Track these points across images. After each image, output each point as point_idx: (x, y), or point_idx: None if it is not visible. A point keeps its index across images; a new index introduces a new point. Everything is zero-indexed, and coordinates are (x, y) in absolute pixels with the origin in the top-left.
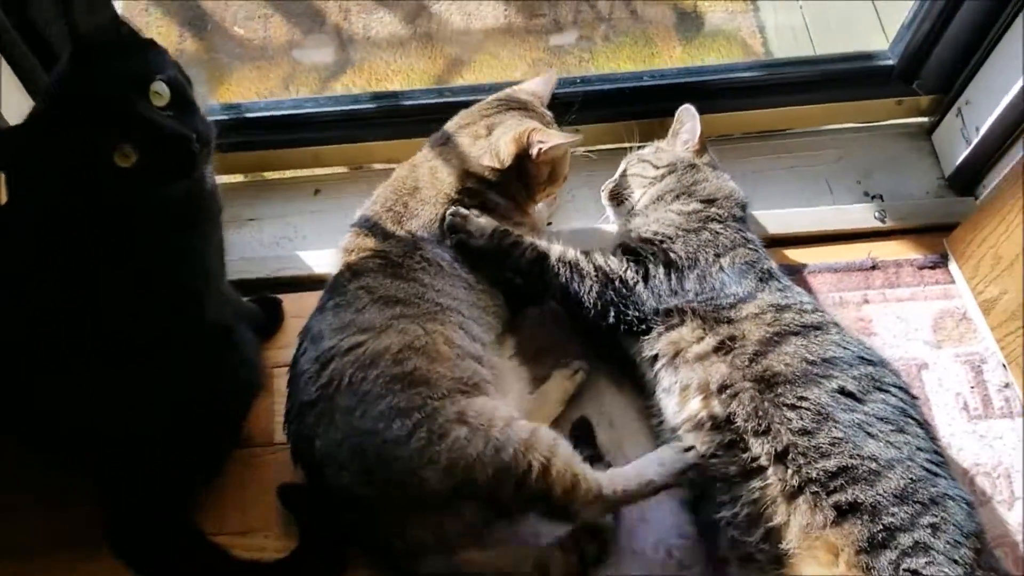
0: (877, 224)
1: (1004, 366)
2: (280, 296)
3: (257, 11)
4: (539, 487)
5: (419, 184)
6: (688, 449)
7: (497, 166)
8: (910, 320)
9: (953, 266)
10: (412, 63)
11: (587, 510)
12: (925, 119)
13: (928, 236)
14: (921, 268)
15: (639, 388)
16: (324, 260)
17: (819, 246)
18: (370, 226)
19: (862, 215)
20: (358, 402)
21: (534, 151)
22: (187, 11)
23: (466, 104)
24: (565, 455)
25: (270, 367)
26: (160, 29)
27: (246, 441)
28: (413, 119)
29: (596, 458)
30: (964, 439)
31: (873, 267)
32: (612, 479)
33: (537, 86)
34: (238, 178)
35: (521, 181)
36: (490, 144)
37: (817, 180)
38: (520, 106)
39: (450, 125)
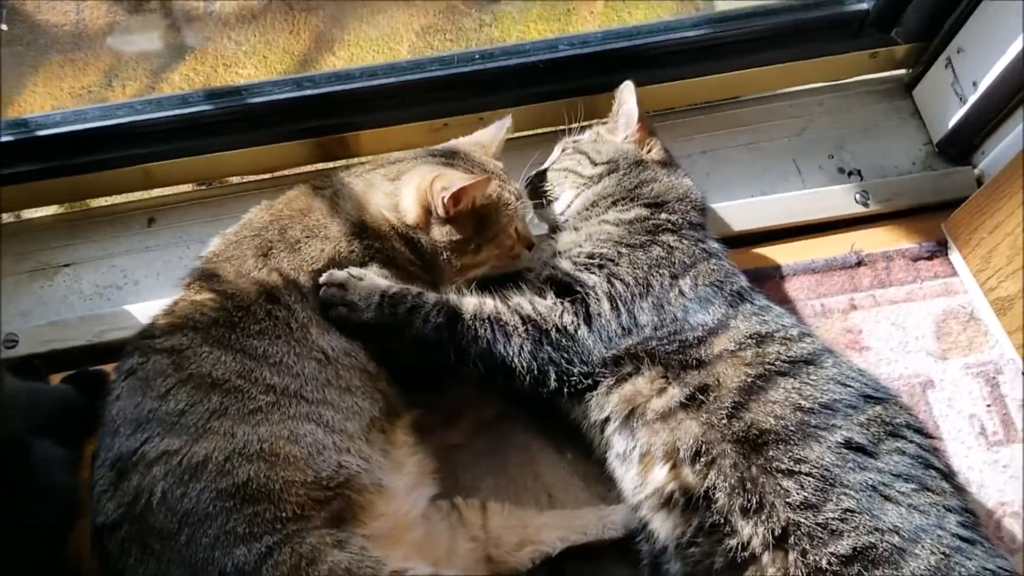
0: (859, 209)
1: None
2: (106, 368)
3: None
4: None
5: (291, 228)
6: None
7: (402, 219)
8: (908, 327)
9: (955, 255)
10: (268, 41)
11: None
12: (904, 71)
13: (921, 219)
14: (916, 260)
15: (585, 450)
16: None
17: (793, 240)
18: (213, 269)
19: (840, 199)
20: (180, 525)
21: (438, 204)
22: None
23: (336, 97)
24: None
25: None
26: None
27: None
28: (268, 120)
29: None
30: (984, 472)
31: (859, 263)
32: None
33: (483, 135)
34: (49, 211)
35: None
36: (394, 191)
37: (782, 158)
38: (444, 154)
39: (345, 177)
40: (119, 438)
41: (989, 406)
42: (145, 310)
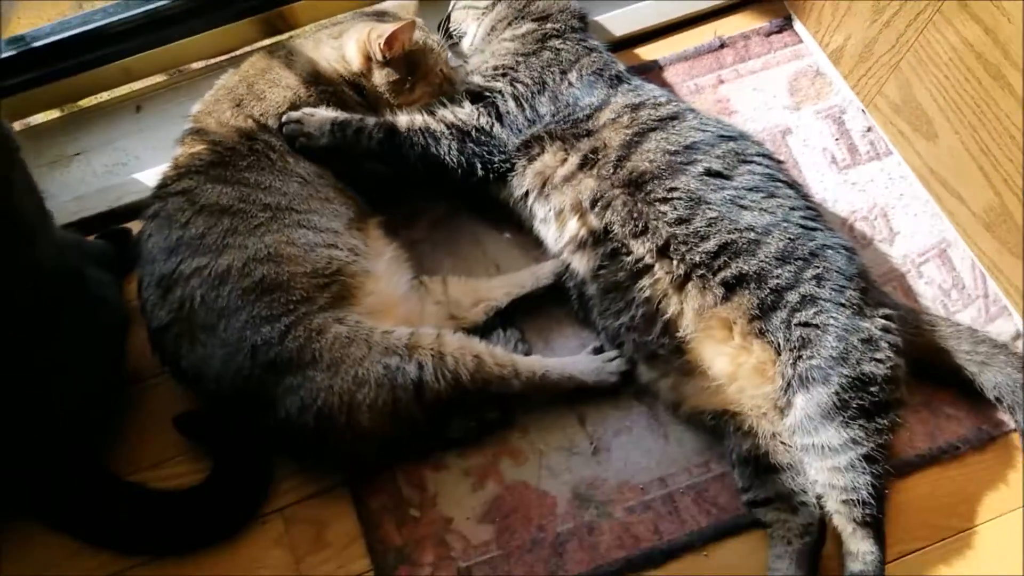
0: (718, 1)
1: (863, 111)
2: (128, 225)
3: None
4: (442, 378)
5: (257, 83)
6: (613, 360)
7: (349, 68)
8: (766, 89)
9: (798, 25)
10: None
11: (507, 388)
12: None
13: (769, 2)
14: (768, 35)
15: (517, 225)
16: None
17: (667, 37)
18: (200, 125)
19: None
20: (217, 318)
21: (376, 50)
22: None
23: None
24: (457, 339)
25: (134, 299)
26: None
27: (133, 376)
28: (216, 4)
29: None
30: (838, 190)
31: (722, 46)
32: (532, 364)
33: (411, 27)
34: (52, 114)
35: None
36: (340, 46)
37: None
38: (375, 14)
39: (296, 42)
40: (157, 264)
41: (837, 139)
42: (149, 176)
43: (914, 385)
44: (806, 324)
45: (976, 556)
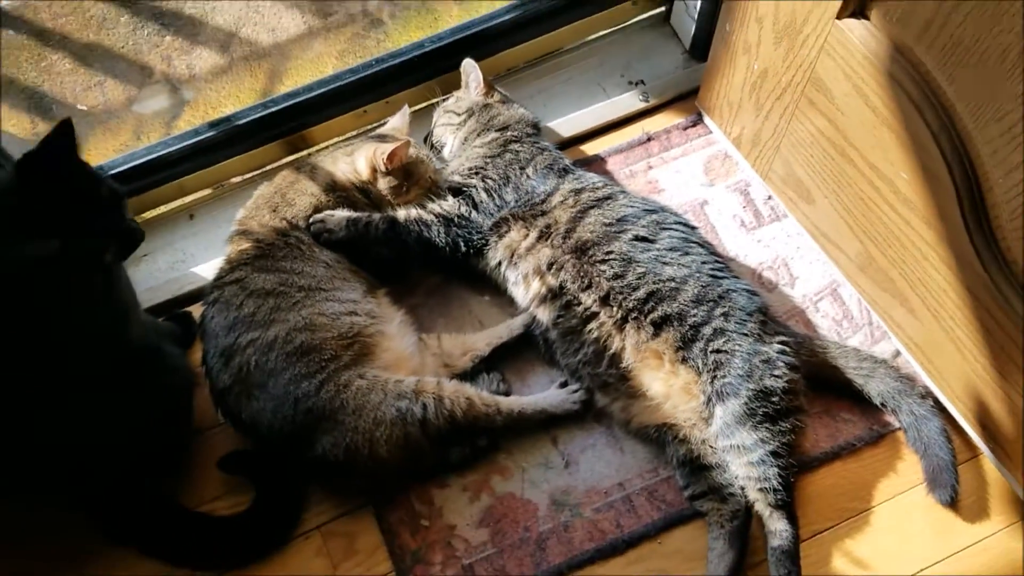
0: (643, 105)
1: (763, 184)
2: (189, 308)
3: (91, 80)
4: (441, 416)
5: (289, 194)
6: (575, 392)
7: (359, 177)
8: (686, 170)
9: (707, 119)
10: (238, 85)
11: (492, 423)
12: (661, 8)
13: (684, 102)
14: (685, 129)
15: (495, 290)
16: (212, 268)
17: (604, 135)
18: (244, 228)
19: (631, 101)
20: (267, 377)
21: (380, 164)
22: (29, 99)
23: (291, 109)
24: (453, 385)
25: (198, 366)
26: (11, 121)
27: (197, 428)
28: (251, 134)
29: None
30: (748, 247)
31: (649, 139)
32: (511, 403)
33: (395, 121)
34: None
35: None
36: (352, 161)
37: (590, 85)
38: (378, 136)
39: (317, 158)
40: (219, 338)
41: (744, 207)
42: (204, 269)
43: (815, 396)
44: (718, 351)
45: (875, 531)
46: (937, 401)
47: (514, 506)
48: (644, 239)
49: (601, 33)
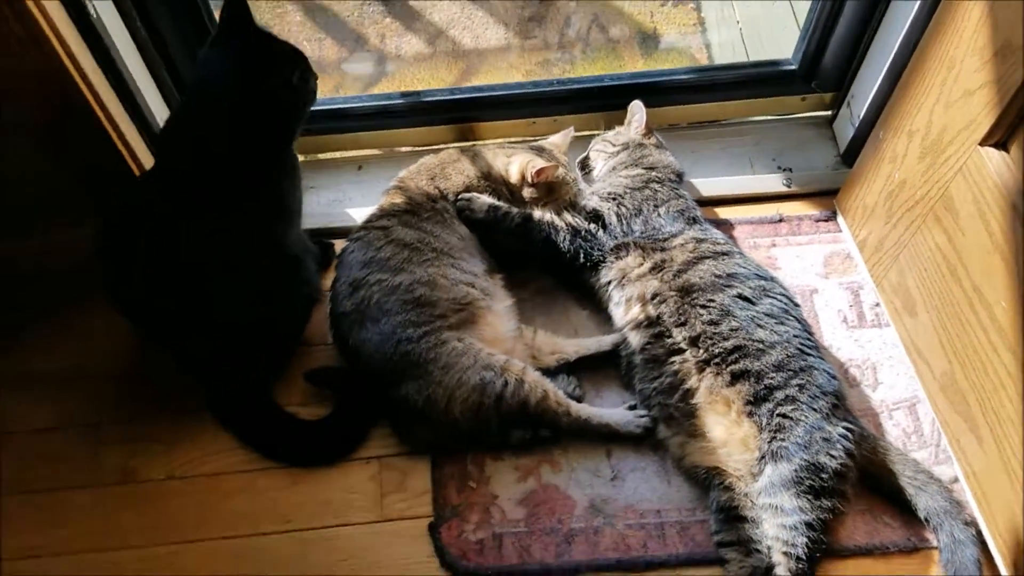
0: (784, 189)
1: (875, 290)
2: (332, 241)
3: (314, 34)
4: (517, 398)
5: (448, 170)
6: (642, 417)
7: (508, 177)
8: (806, 258)
9: (840, 218)
10: (433, 74)
11: (558, 422)
12: (828, 112)
13: (823, 198)
14: (817, 221)
15: (597, 307)
16: (365, 215)
17: (740, 205)
18: (402, 185)
19: (774, 182)
20: (382, 315)
21: (529, 175)
22: None
23: (473, 101)
24: (535, 375)
25: (326, 290)
26: None
27: (305, 341)
28: (432, 112)
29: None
30: (843, 342)
31: (780, 220)
32: (580, 409)
33: (557, 138)
34: (301, 158)
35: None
36: (508, 162)
37: (741, 158)
38: (537, 148)
39: (481, 148)
40: (353, 270)
41: (851, 306)
42: (356, 213)
43: (864, 494)
44: (784, 415)
45: None
46: (979, 532)
47: (555, 497)
48: (747, 299)
49: (765, 117)
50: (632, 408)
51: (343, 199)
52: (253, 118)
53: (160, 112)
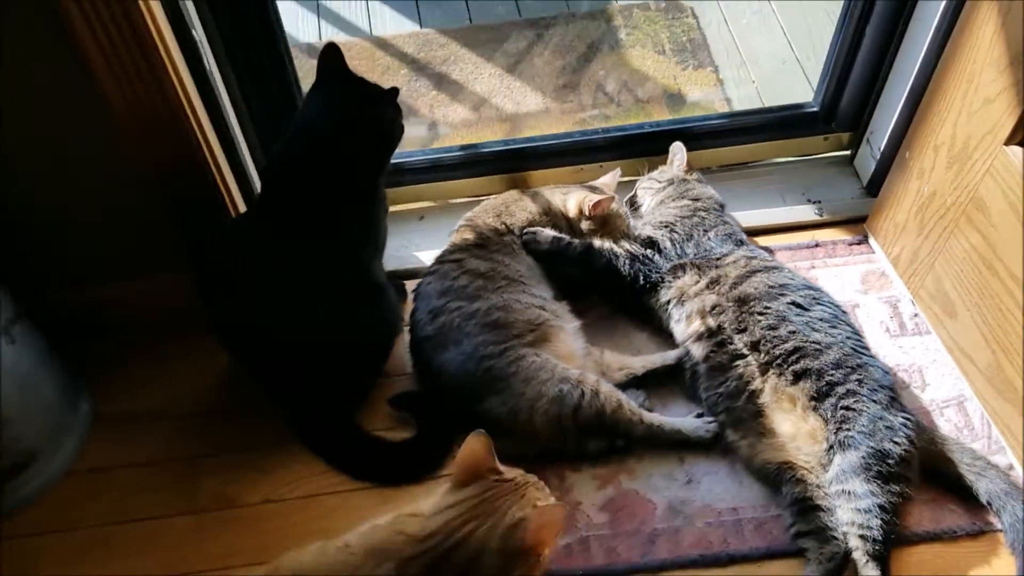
0: (817, 218)
1: (912, 302)
2: (404, 281)
3: None
4: (593, 408)
5: (512, 207)
6: (710, 423)
7: (567, 212)
8: (844, 278)
9: (872, 241)
10: (480, 136)
11: (632, 430)
12: (847, 152)
13: (854, 224)
14: (850, 245)
15: (655, 329)
16: (430, 257)
17: (778, 235)
18: (470, 223)
19: (806, 212)
20: (464, 337)
21: (586, 209)
22: None
23: (525, 151)
24: (608, 386)
25: (404, 322)
26: None
27: (386, 372)
28: (484, 163)
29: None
30: (888, 349)
31: (816, 245)
32: (652, 417)
33: (606, 179)
34: None
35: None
36: (565, 199)
37: (772, 194)
38: (590, 187)
39: (539, 188)
40: (432, 299)
41: (891, 317)
42: (424, 256)
43: (927, 486)
44: (848, 408)
45: None
46: None
47: (635, 502)
48: (800, 306)
49: (791, 158)
50: (699, 416)
51: (409, 245)
52: (354, 149)
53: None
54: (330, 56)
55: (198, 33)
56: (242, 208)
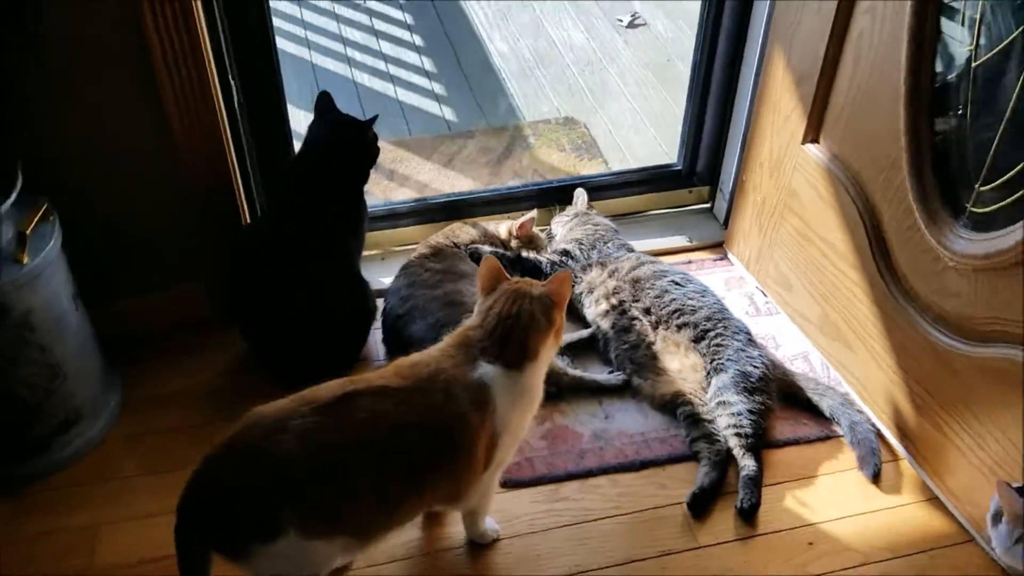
0: (688, 244)
1: (763, 292)
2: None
3: None
4: None
5: (458, 232)
6: (619, 375)
7: (500, 235)
8: (712, 283)
9: (730, 255)
10: None
11: (560, 380)
12: (708, 204)
13: (716, 248)
14: (715, 260)
15: (572, 317)
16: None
17: (660, 256)
18: (428, 243)
19: (681, 241)
20: (428, 314)
21: (514, 230)
22: None
23: (465, 200)
24: None
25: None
26: None
27: (364, 357)
28: (431, 212)
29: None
30: (748, 324)
31: (689, 262)
32: (575, 371)
33: (526, 216)
34: None
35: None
36: (498, 226)
37: (655, 233)
38: (514, 217)
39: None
40: (401, 290)
41: (750, 305)
42: (387, 281)
43: (785, 407)
44: (718, 345)
45: (817, 489)
46: (868, 419)
47: (566, 432)
48: (677, 283)
49: (666, 209)
50: (611, 373)
51: (374, 278)
52: (345, 160)
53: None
54: (323, 99)
55: (236, 85)
56: (248, 219)
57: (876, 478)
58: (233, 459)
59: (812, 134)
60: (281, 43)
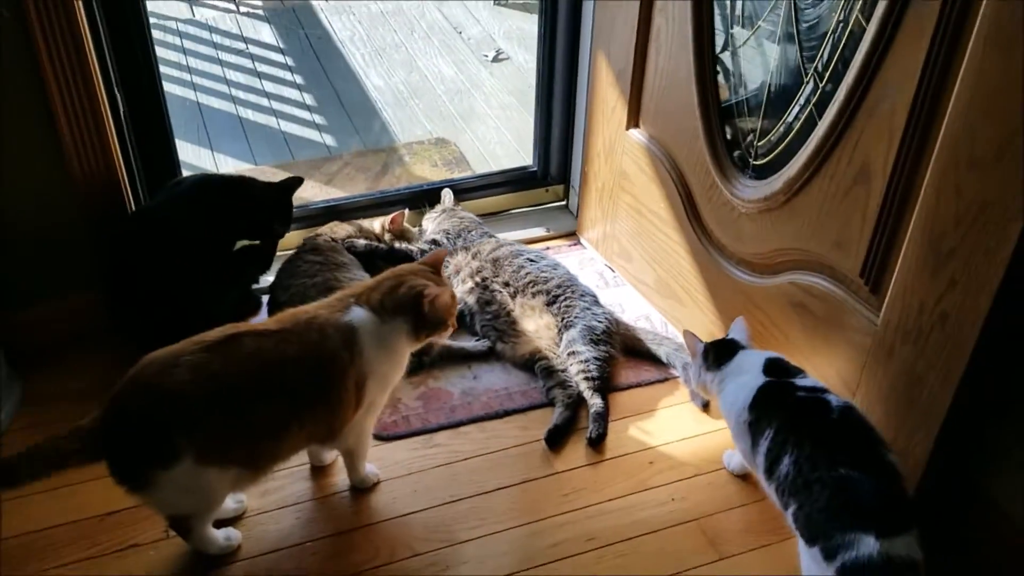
0: (548, 234)
1: (610, 268)
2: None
3: None
4: None
5: (336, 229)
6: (484, 342)
7: (374, 230)
8: (569, 264)
9: (583, 240)
10: None
11: (431, 350)
12: (563, 202)
13: (571, 236)
14: (570, 246)
15: None
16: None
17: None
18: (311, 239)
19: (540, 232)
20: (308, 299)
21: (387, 224)
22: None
23: (348, 203)
24: None
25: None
26: None
27: None
28: (316, 217)
29: None
30: (600, 296)
31: (548, 248)
32: (445, 341)
33: (397, 212)
34: None
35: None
36: (372, 222)
37: (518, 227)
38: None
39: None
40: (284, 280)
41: (601, 280)
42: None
43: (629, 359)
44: (568, 305)
45: (657, 419)
46: None
47: (439, 392)
48: (532, 260)
49: (526, 208)
50: (478, 340)
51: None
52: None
53: None
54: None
55: (123, 106)
56: None
57: (706, 407)
58: (131, 392)
59: (633, 120)
60: (168, 87)
